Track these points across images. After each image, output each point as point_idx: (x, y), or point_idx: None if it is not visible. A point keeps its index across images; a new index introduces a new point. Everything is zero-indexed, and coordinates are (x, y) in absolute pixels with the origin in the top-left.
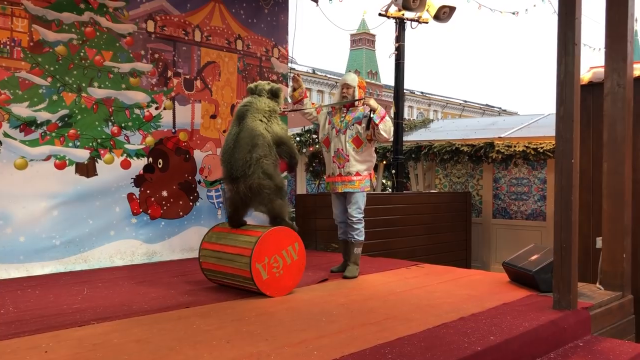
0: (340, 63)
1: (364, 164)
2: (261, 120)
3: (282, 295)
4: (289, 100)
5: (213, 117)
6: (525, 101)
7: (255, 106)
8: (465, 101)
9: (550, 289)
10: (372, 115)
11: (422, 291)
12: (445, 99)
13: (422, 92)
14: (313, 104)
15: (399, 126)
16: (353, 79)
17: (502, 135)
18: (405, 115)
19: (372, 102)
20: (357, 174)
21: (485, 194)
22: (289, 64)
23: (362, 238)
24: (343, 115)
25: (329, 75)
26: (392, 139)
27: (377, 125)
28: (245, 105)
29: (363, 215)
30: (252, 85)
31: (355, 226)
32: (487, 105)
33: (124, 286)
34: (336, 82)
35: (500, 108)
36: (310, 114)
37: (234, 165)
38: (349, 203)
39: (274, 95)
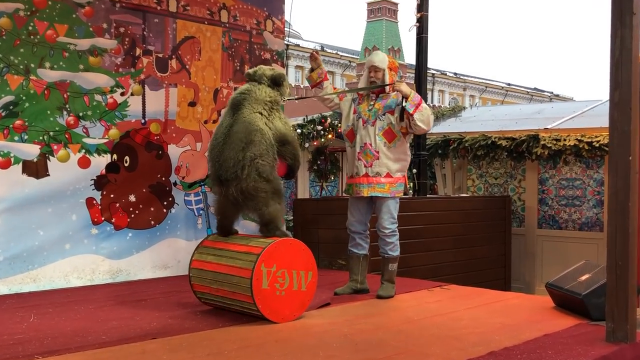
0: (354, 38)
1: (397, 163)
2: (260, 113)
3: (273, 320)
4: (306, 82)
5: (192, 104)
6: (584, 85)
7: (254, 95)
8: (509, 84)
9: (603, 316)
10: (404, 104)
11: (445, 319)
12: (485, 81)
13: (455, 74)
14: (335, 88)
15: None
16: (382, 60)
17: (549, 126)
18: (435, 102)
19: (404, 87)
20: (388, 175)
21: (529, 198)
22: (286, 40)
23: (397, 253)
24: (372, 102)
25: (341, 53)
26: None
27: (411, 115)
28: (242, 94)
29: (397, 226)
30: (250, 70)
31: (388, 239)
32: (535, 89)
33: (79, 312)
34: (350, 62)
35: (552, 93)
36: (331, 100)
37: (223, 164)
38: (378, 212)
39: (276, 83)
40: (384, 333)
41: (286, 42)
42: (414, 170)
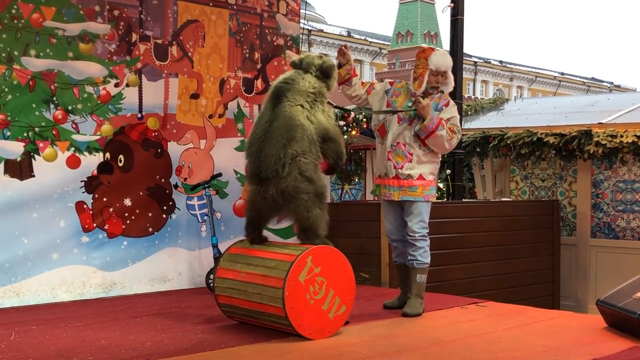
0: (385, 22)
1: (430, 166)
2: (302, 106)
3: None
4: None
5: (195, 96)
6: None
7: (297, 86)
8: (563, 74)
9: None
10: (416, 129)
11: (479, 340)
12: (535, 70)
13: (501, 62)
14: (363, 83)
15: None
16: (445, 62)
17: (604, 121)
18: (478, 93)
19: (423, 108)
20: (421, 177)
21: (581, 203)
22: (302, 23)
23: (427, 260)
24: (412, 99)
25: (370, 39)
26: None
27: (423, 140)
28: (285, 83)
29: (428, 231)
30: (296, 58)
31: (418, 244)
32: (593, 79)
33: (66, 330)
34: (380, 49)
35: (612, 83)
36: (358, 96)
37: (263, 161)
38: (408, 214)
39: (325, 74)
40: (408, 356)
41: (302, 26)
42: (448, 172)
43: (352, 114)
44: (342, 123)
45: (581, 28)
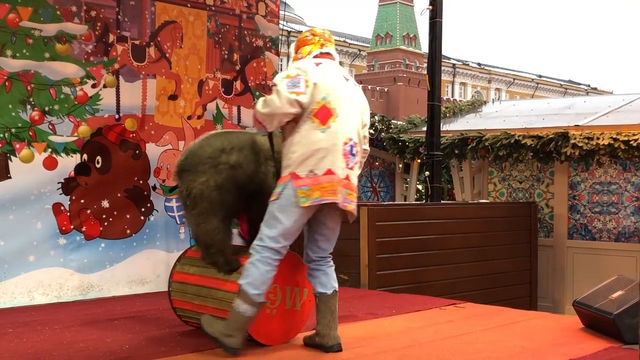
0: (365, 23)
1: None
2: None
3: (262, 343)
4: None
5: (173, 97)
6: (625, 77)
7: None
8: (540, 76)
9: (637, 339)
10: None
11: (457, 341)
12: (513, 72)
13: (479, 64)
14: None
15: (435, 110)
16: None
17: (580, 123)
18: (457, 96)
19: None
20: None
21: (558, 205)
22: (281, 24)
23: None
24: None
25: (349, 41)
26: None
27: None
28: None
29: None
30: None
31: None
32: (570, 82)
33: (43, 332)
34: (359, 51)
35: (589, 86)
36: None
37: None
38: None
39: None
40: (386, 357)
41: (282, 27)
42: (427, 173)
43: None
44: None
45: (559, 31)
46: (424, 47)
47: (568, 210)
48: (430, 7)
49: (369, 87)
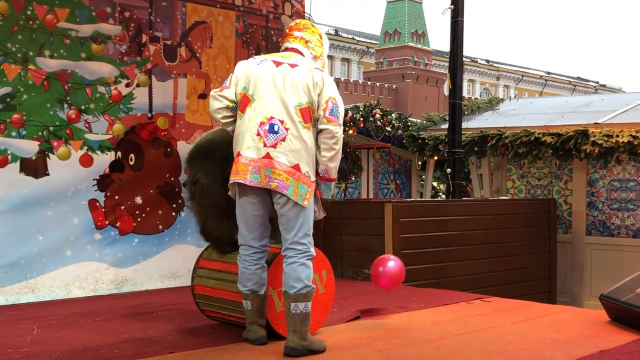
0: (373, 21)
1: None
2: None
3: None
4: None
5: (202, 96)
6: (635, 74)
7: None
8: (549, 73)
9: None
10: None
11: (489, 333)
12: (521, 69)
13: (487, 61)
14: None
15: (456, 108)
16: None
17: (599, 121)
18: (464, 93)
19: None
20: None
21: (577, 202)
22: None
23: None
24: None
25: (357, 38)
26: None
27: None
28: None
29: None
30: None
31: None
32: (579, 78)
33: (85, 324)
34: (367, 48)
35: (598, 82)
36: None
37: None
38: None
39: None
40: (423, 349)
41: None
42: (448, 170)
43: (350, 113)
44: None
45: (567, 28)
46: (432, 44)
47: (586, 206)
48: (452, 6)
49: (377, 84)
